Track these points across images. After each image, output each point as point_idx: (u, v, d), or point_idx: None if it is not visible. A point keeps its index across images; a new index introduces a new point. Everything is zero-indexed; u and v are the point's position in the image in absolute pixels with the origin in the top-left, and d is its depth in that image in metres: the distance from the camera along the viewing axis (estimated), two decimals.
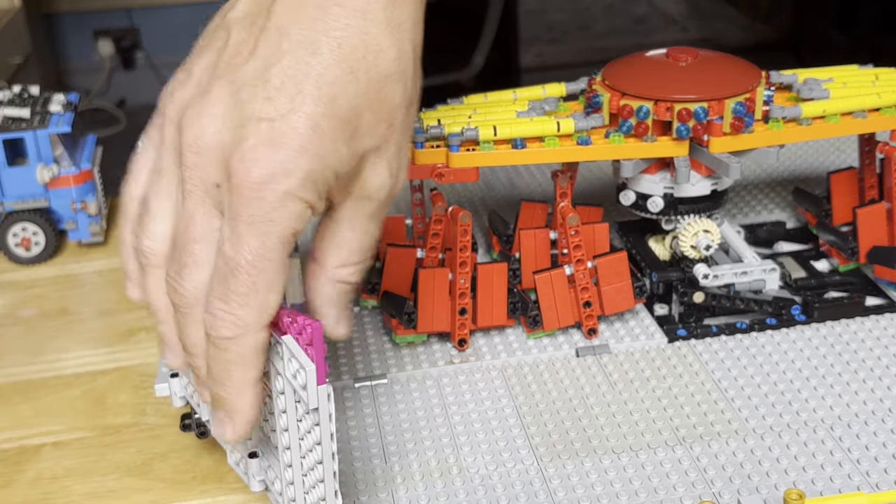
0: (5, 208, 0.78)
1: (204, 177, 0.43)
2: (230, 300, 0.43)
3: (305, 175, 0.42)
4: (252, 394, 0.45)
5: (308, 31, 0.43)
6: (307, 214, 0.43)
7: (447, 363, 0.62)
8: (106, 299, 0.75)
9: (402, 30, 0.45)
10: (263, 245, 0.42)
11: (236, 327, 0.43)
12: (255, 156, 0.41)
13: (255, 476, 0.50)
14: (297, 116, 0.42)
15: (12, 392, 0.64)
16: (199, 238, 0.44)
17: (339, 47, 0.43)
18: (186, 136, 0.43)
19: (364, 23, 0.43)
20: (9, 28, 1.96)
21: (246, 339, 0.43)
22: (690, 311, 0.65)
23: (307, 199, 0.43)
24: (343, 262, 0.47)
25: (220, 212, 0.43)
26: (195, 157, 0.43)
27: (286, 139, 0.42)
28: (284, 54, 0.42)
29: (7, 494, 0.55)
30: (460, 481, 0.52)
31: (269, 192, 0.42)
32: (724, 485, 0.51)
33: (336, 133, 0.43)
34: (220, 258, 0.43)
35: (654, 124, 0.62)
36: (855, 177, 0.72)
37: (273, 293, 0.43)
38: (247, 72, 0.43)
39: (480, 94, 0.68)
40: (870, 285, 0.68)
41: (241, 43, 0.44)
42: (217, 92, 0.43)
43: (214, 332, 0.43)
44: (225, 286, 0.43)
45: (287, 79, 0.42)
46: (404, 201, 0.83)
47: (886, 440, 0.54)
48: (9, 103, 0.80)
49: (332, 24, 0.43)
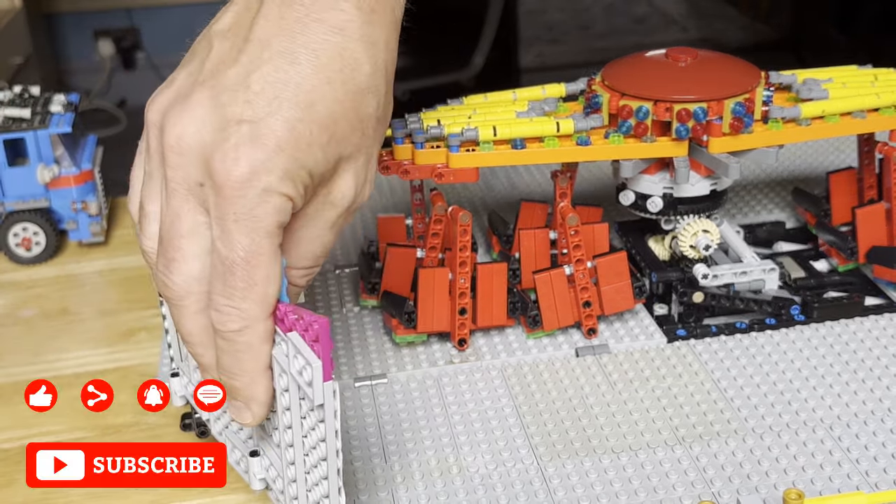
0: (6, 208, 0.79)
1: (186, 176, 0.45)
2: (232, 296, 0.44)
3: (283, 172, 0.44)
4: (264, 379, 0.46)
5: (288, 43, 0.45)
6: (289, 207, 0.45)
7: (447, 363, 0.62)
8: (106, 299, 0.75)
9: (377, 48, 0.47)
10: (253, 241, 0.44)
11: (242, 320, 0.45)
12: (236, 155, 0.43)
13: (255, 475, 0.50)
14: (274, 119, 0.44)
15: (13, 392, 0.64)
16: (185, 233, 0.46)
17: (317, 59, 0.45)
18: (169, 137, 0.45)
19: (342, 38, 0.46)
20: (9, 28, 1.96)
21: (253, 330, 0.45)
22: (690, 311, 0.65)
23: (287, 193, 0.44)
24: (294, 263, 0.48)
25: (205, 209, 0.45)
26: (177, 157, 0.45)
27: (264, 139, 0.44)
28: (265, 62, 0.45)
29: (7, 494, 0.55)
30: (460, 481, 0.52)
31: (251, 190, 0.43)
32: (724, 484, 0.51)
33: (312, 137, 0.45)
34: (215, 258, 0.45)
35: (653, 124, 0.62)
36: (854, 177, 0.72)
37: (271, 284, 0.45)
38: (228, 77, 0.45)
39: (480, 95, 0.68)
40: (869, 285, 0.68)
41: (224, 52, 0.46)
42: (198, 96, 0.45)
43: (222, 326, 0.45)
44: (225, 283, 0.44)
45: (267, 85, 0.44)
46: (404, 201, 0.83)
47: (885, 440, 0.54)
48: (9, 103, 0.80)
49: (312, 37, 0.45)
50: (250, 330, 0.45)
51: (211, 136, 0.44)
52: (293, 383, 0.45)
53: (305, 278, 0.50)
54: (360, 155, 0.48)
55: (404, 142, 0.62)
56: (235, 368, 0.46)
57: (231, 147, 0.43)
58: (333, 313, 0.69)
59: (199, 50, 0.48)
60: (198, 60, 0.47)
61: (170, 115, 0.45)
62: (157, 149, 0.47)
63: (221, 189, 0.44)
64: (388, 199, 0.85)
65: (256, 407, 0.47)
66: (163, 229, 0.47)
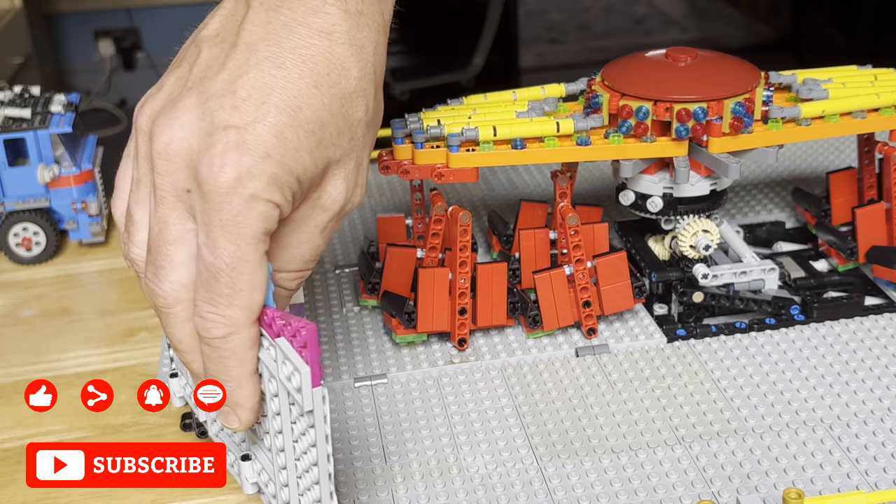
0: (6, 208, 0.79)
1: (174, 182, 0.45)
2: (216, 302, 0.44)
3: (270, 179, 0.44)
4: (250, 385, 0.46)
5: (275, 48, 0.45)
6: (275, 214, 0.45)
7: (447, 363, 0.62)
8: (106, 299, 0.75)
9: (364, 52, 0.47)
10: (238, 248, 0.44)
11: (226, 326, 0.45)
12: (222, 161, 0.43)
13: (247, 479, 0.50)
14: (261, 125, 0.44)
15: (13, 392, 0.64)
16: (172, 240, 0.46)
17: (303, 63, 0.45)
18: (157, 143, 0.45)
19: (329, 43, 0.46)
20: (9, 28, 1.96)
21: (237, 337, 0.45)
22: (690, 311, 0.65)
23: (273, 200, 0.44)
24: (282, 266, 0.48)
25: (193, 216, 0.45)
26: (165, 163, 0.45)
27: (251, 145, 0.44)
28: (251, 68, 0.45)
29: (7, 494, 0.55)
30: (460, 481, 0.53)
31: (237, 196, 0.43)
32: (723, 484, 0.51)
33: (299, 142, 0.45)
34: (200, 264, 0.45)
35: (653, 124, 0.62)
36: (854, 177, 0.72)
37: (256, 291, 0.45)
38: (216, 83, 0.45)
39: (480, 95, 0.68)
40: (869, 285, 0.68)
41: (211, 58, 0.46)
42: (186, 102, 0.45)
43: (207, 333, 0.45)
44: (209, 290, 0.44)
45: (253, 90, 0.44)
46: (404, 201, 0.83)
47: (885, 439, 0.54)
48: (10, 103, 0.80)
49: (298, 42, 0.45)
50: (235, 336, 0.45)
51: (198, 143, 0.44)
52: (282, 389, 0.45)
53: (295, 282, 0.49)
54: (350, 159, 0.48)
55: (404, 142, 0.62)
56: (221, 374, 0.46)
57: (218, 153, 0.43)
58: (333, 313, 0.69)
59: (188, 55, 0.48)
60: (186, 66, 0.47)
61: (158, 122, 0.45)
62: (145, 155, 0.47)
63: (208, 195, 0.43)
64: (388, 199, 0.85)
65: (243, 412, 0.47)
66: (151, 237, 0.46)
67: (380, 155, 0.62)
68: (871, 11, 2.34)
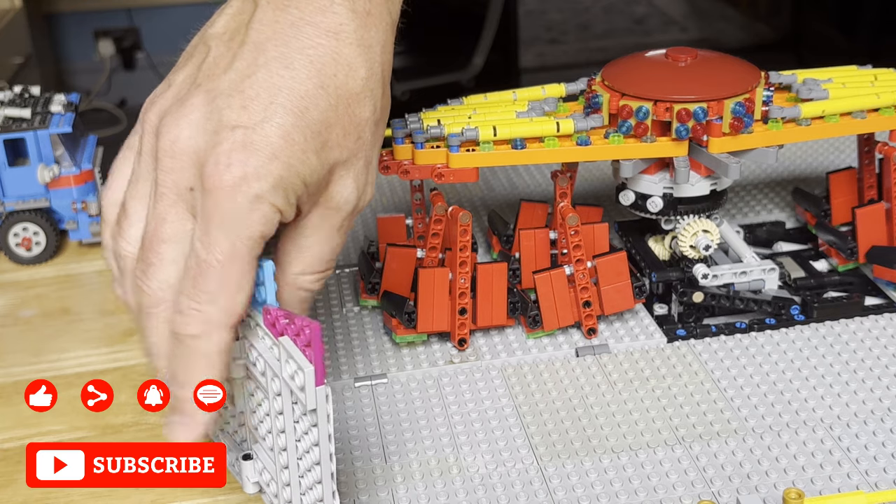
0: (6, 208, 0.79)
1: (178, 180, 0.45)
2: (199, 298, 0.44)
3: (276, 181, 0.44)
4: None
5: (283, 48, 0.45)
6: (276, 219, 0.45)
7: (447, 363, 0.62)
8: (106, 299, 0.75)
9: (372, 52, 0.47)
10: (233, 246, 0.44)
11: (203, 324, 0.44)
12: (228, 160, 0.43)
13: (249, 478, 0.50)
14: (269, 125, 0.44)
15: (13, 392, 0.64)
16: (167, 238, 0.45)
17: (311, 63, 0.45)
18: (163, 140, 0.45)
19: (336, 43, 0.46)
20: (9, 28, 1.96)
21: (211, 338, 0.44)
22: (690, 311, 0.65)
23: (276, 204, 0.44)
24: (304, 269, 0.48)
25: (192, 215, 0.45)
26: (170, 160, 0.45)
27: (258, 146, 0.43)
28: (259, 68, 0.45)
29: (7, 494, 0.55)
30: (460, 481, 0.53)
31: (241, 195, 0.43)
32: (724, 484, 0.51)
33: (306, 143, 0.45)
34: (191, 258, 0.44)
35: (653, 124, 0.62)
36: (854, 177, 0.72)
37: (241, 293, 0.45)
38: (224, 82, 0.45)
39: (480, 95, 0.68)
40: (869, 285, 0.68)
41: (219, 57, 0.46)
42: (194, 100, 0.45)
43: (181, 328, 0.44)
44: (194, 284, 0.44)
45: (261, 90, 0.44)
46: (404, 201, 0.83)
47: (885, 439, 0.54)
48: (10, 103, 0.80)
49: (306, 42, 0.45)
50: (209, 337, 0.44)
51: (205, 141, 0.44)
52: (285, 388, 0.44)
53: (318, 283, 0.49)
54: (358, 159, 0.48)
55: (404, 142, 0.62)
56: (185, 377, 0.45)
57: (224, 152, 0.43)
58: (333, 313, 0.69)
59: (196, 53, 0.48)
60: (195, 64, 0.47)
61: (166, 120, 0.45)
62: (150, 151, 0.46)
63: (211, 193, 0.43)
64: (388, 199, 0.85)
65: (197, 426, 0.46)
66: (146, 233, 0.46)
67: (380, 155, 0.62)
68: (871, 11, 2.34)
